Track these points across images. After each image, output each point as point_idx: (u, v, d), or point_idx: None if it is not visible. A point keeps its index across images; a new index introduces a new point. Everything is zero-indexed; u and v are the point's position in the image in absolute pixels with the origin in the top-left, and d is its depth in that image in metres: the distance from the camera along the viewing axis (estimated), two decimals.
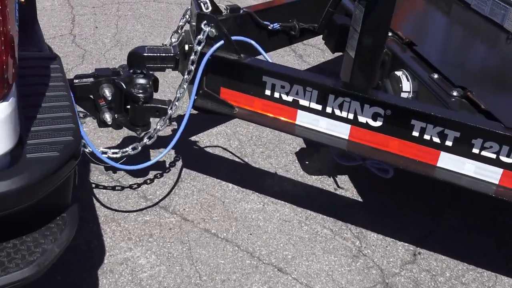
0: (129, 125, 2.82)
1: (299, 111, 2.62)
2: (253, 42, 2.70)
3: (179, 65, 2.79)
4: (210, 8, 2.77)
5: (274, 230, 3.02)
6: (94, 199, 3.11)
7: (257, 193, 3.27)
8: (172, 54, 2.76)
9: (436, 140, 2.38)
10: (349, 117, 2.53)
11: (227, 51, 2.62)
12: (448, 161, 2.40)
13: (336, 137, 2.59)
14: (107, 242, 2.85)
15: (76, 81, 2.70)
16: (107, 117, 2.78)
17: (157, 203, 3.13)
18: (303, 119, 2.62)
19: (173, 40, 2.94)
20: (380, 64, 2.81)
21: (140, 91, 2.72)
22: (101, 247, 2.81)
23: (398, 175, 2.89)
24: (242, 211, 3.13)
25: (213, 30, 2.59)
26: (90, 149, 2.69)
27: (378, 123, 2.47)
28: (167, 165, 3.43)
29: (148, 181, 3.29)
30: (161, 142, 3.20)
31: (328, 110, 2.55)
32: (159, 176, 3.33)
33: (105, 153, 2.77)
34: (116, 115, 2.82)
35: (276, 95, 2.62)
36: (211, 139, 3.71)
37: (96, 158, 2.60)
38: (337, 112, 2.54)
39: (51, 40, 4.73)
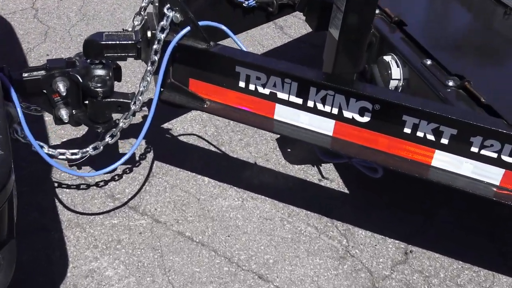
0: (88, 122, 2.52)
1: (278, 105, 2.34)
2: (223, 27, 2.39)
3: (142, 53, 2.47)
4: None
5: (254, 230, 2.78)
6: (57, 201, 2.83)
7: (235, 188, 3.01)
8: (133, 41, 2.44)
9: (431, 137, 2.13)
10: (333, 112, 2.25)
11: (195, 38, 2.31)
12: (443, 161, 2.15)
13: (319, 134, 2.32)
14: (70, 252, 2.59)
15: (26, 75, 2.39)
16: (63, 113, 2.48)
17: (126, 203, 2.87)
18: (282, 114, 2.35)
19: (136, 23, 2.60)
20: (366, 47, 2.52)
21: (99, 84, 2.42)
22: (64, 258, 2.55)
23: (388, 173, 2.64)
24: (219, 209, 2.87)
25: (178, 15, 2.27)
26: (45, 151, 2.42)
27: (365, 119, 2.21)
28: (137, 158, 3.15)
29: (116, 177, 3.01)
30: (130, 132, 2.91)
31: (310, 104, 2.28)
32: (128, 172, 3.06)
33: (63, 153, 2.48)
34: (73, 111, 2.52)
35: (252, 87, 2.34)
36: (185, 126, 3.42)
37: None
38: (320, 106, 2.26)
39: (11, 16, 4.36)
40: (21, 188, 2.81)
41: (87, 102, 2.49)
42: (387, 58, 2.50)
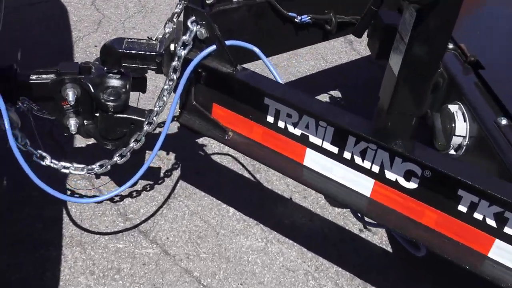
0: (98, 136, 2.24)
1: (309, 150, 1.95)
2: (255, 49, 2.01)
3: (164, 67, 2.15)
4: None
5: (272, 281, 2.40)
6: (64, 212, 2.59)
7: (262, 225, 2.65)
8: (155, 53, 2.12)
9: (491, 223, 1.67)
10: (373, 170, 1.83)
11: (220, 60, 1.96)
12: (503, 253, 1.68)
13: (353, 192, 1.91)
14: (63, 274, 2.33)
15: (33, 77, 2.13)
16: (72, 123, 2.21)
17: (137, 226, 2.58)
18: (313, 161, 1.95)
19: (167, 30, 2.29)
20: (431, 89, 2.06)
21: (111, 97, 2.12)
22: (54, 281, 2.30)
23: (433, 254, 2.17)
24: (238, 249, 2.52)
25: (203, 31, 1.93)
26: (47, 162, 2.16)
27: (412, 185, 1.77)
28: (162, 174, 2.85)
29: (134, 193, 2.73)
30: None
31: (346, 155, 1.87)
32: (148, 188, 2.77)
33: (67, 167, 2.22)
34: (84, 122, 2.24)
35: (281, 124, 1.95)
36: (221, 144, 3.07)
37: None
38: (358, 160, 1.85)
39: (68, 1, 4.18)
40: (30, 192, 2.59)
41: (98, 114, 2.21)
42: (453, 107, 2.04)
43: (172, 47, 2.06)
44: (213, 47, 1.93)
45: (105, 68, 2.16)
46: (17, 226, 2.48)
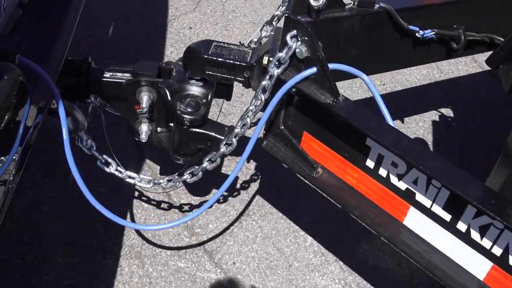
0: (170, 148, 1.98)
1: (412, 209, 1.58)
2: (365, 79, 1.64)
3: (253, 81, 1.84)
4: (321, 1, 1.76)
5: None
6: (128, 216, 2.38)
7: (341, 263, 2.32)
8: (244, 64, 1.81)
9: None
10: (493, 251, 1.45)
11: (319, 86, 1.62)
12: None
13: (461, 271, 1.53)
14: None
15: (107, 75, 1.89)
16: (143, 130, 1.96)
17: (203, 243, 2.33)
18: (416, 222, 1.59)
19: (264, 34, 1.97)
20: None
21: (189, 109, 1.84)
22: None
23: None
24: None
25: (303, 49, 1.59)
26: (112, 169, 1.95)
27: None
28: (238, 184, 2.58)
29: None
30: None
31: (461, 226, 1.49)
32: (221, 200, 2.50)
33: (132, 178, 1.99)
34: (158, 129, 1.99)
35: (383, 173, 1.60)
36: None
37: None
38: (475, 235, 1.47)
39: None
40: (98, 188, 2.41)
41: (172, 124, 1.95)
42: None
43: (265, 60, 1.74)
44: (313, 70, 1.60)
45: (187, 73, 1.89)
46: (77, 225, 2.30)
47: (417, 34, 2.10)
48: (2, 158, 1.33)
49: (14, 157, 1.36)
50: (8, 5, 1.66)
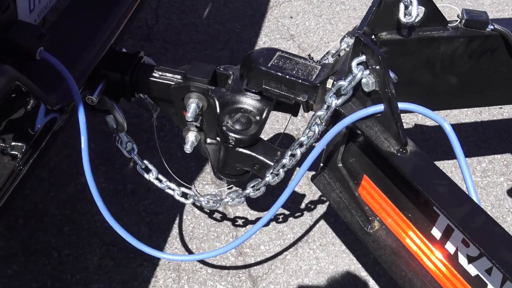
0: (215, 163, 1.75)
1: None
2: (447, 129, 1.27)
3: (316, 104, 1.54)
4: (415, 16, 1.43)
5: None
6: (176, 222, 2.20)
7: None
8: (308, 83, 1.52)
9: None
10: None
11: (384, 128, 1.29)
12: None
13: None
14: None
15: (157, 74, 1.69)
16: (189, 140, 1.75)
17: (248, 267, 2.10)
18: None
19: (343, 47, 1.66)
20: None
21: (236, 126, 1.59)
22: None
23: None
24: None
25: (371, 82, 1.27)
26: (151, 177, 1.76)
27: None
28: (303, 204, 2.30)
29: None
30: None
31: None
32: (280, 219, 2.25)
33: (172, 189, 1.80)
34: (207, 140, 1.77)
35: (450, 248, 1.26)
36: None
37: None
38: None
39: None
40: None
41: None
42: None
43: (329, 83, 1.44)
44: (380, 108, 1.27)
45: (243, 84, 1.63)
46: (122, 223, 2.16)
47: None
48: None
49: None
50: None
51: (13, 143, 1.19)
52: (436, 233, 1.27)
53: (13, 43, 1.28)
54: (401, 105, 1.25)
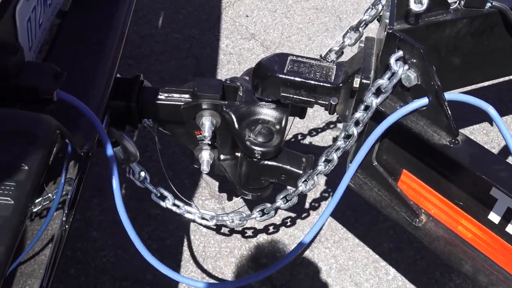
0: (236, 179, 1.68)
1: None
2: (492, 112, 1.27)
3: (339, 105, 1.50)
4: (425, 4, 1.41)
5: None
6: (186, 241, 2.11)
7: None
8: (329, 85, 1.47)
9: None
10: None
11: (431, 121, 1.27)
12: None
13: None
14: None
15: (163, 96, 1.59)
16: (204, 159, 1.67)
17: (268, 278, 2.04)
18: None
19: (347, 42, 1.63)
20: None
21: (260, 139, 1.53)
22: None
23: None
24: None
25: (412, 76, 1.24)
26: (168, 204, 1.67)
27: None
28: (308, 203, 2.27)
29: (271, 228, 2.19)
30: None
31: None
32: (288, 223, 2.21)
33: (192, 213, 1.72)
34: (221, 156, 1.69)
35: (511, 230, 1.25)
36: None
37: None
38: None
39: None
40: (153, 210, 2.15)
41: (238, 154, 1.64)
42: None
43: (356, 83, 1.40)
44: (425, 101, 1.25)
45: (256, 94, 1.57)
46: (130, 254, 2.05)
47: None
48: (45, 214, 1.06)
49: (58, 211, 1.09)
50: (44, 21, 1.37)
51: (53, 197, 1.07)
52: (494, 217, 1.27)
53: (27, 88, 1.16)
54: (447, 95, 1.23)
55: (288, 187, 1.60)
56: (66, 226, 1.12)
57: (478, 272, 1.34)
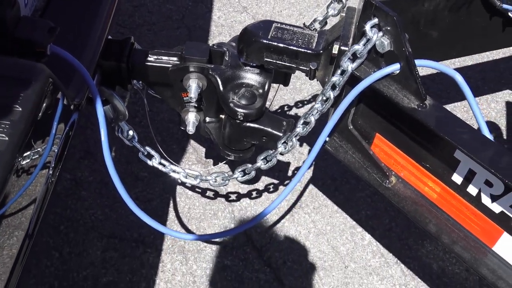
0: (219, 141, 1.76)
1: (505, 235, 1.34)
2: (458, 79, 1.36)
3: (319, 71, 1.58)
4: None
5: None
6: (171, 202, 2.20)
7: (403, 266, 2.11)
8: (310, 51, 1.55)
9: None
10: None
11: (402, 86, 1.36)
12: None
13: None
14: None
15: (151, 59, 1.66)
16: (190, 120, 1.75)
17: (249, 239, 2.14)
18: (509, 250, 1.34)
19: (331, 12, 1.70)
20: None
21: (243, 101, 1.61)
22: None
23: None
24: None
25: (386, 42, 1.32)
26: (155, 163, 1.75)
27: None
28: (290, 171, 2.36)
29: (254, 193, 2.28)
30: None
31: None
32: (271, 189, 2.30)
33: (178, 172, 1.80)
34: (207, 119, 1.77)
35: (472, 191, 1.35)
36: None
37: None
38: None
39: None
40: (140, 173, 2.24)
41: (223, 116, 1.72)
42: None
43: (335, 49, 1.48)
44: (396, 66, 1.33)
45: (241, 59, 1.64)
46: (117, 214, 2.14)
47: (510, 14, 1.80)
48: (35, 162, 1.14)
49: (48, 160, 1.17)
50: None
51: (44, 146, 1.15)
52: (457, 178, 1.36)
53: (22, 40, 1.23)
54: (417, 62, 1.32)
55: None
56: (53, 180, 1.20)
57: (441, 231, 1.44)
